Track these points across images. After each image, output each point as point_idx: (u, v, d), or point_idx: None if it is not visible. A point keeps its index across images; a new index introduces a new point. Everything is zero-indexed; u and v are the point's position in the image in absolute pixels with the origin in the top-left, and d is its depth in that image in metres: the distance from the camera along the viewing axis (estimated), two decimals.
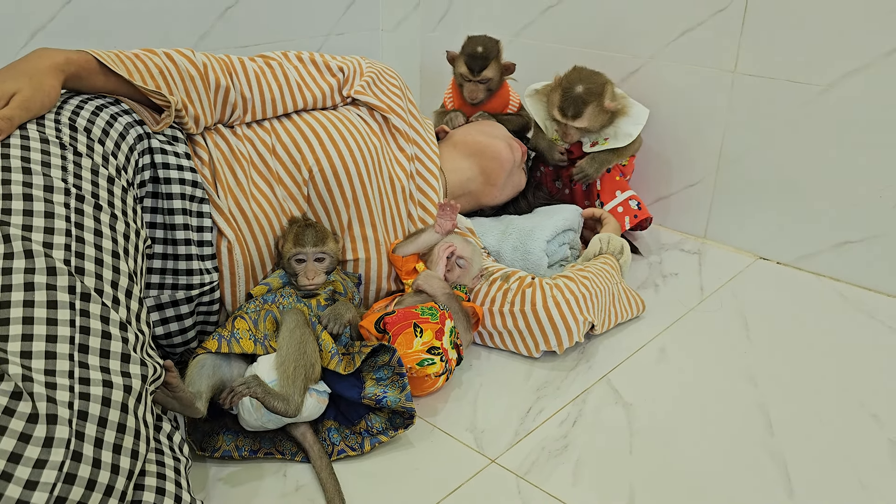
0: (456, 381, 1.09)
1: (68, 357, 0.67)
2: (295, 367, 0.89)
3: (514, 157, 1.38)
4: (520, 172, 1.43)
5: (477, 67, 1.42)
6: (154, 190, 0.94)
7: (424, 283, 1.07)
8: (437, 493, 0.88)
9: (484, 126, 1.42)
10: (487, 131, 1.40)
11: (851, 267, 1.38)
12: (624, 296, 1.23)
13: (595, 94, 1.37)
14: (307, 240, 1.03)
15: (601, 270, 1.21)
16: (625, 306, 1.23)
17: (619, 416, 1.02)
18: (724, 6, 1.40)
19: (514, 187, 1.42)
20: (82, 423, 0.65)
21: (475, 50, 1.42)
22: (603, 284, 1.18)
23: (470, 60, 1.43)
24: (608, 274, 1.22)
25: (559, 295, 1.12)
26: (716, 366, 1.14)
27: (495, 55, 1.43)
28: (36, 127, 0.83)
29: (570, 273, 1.18)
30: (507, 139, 1.39)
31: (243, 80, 1.09)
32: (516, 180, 1.42)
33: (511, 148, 1.38)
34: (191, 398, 0.83)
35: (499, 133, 1.40)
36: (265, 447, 0.93)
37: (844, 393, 1.08)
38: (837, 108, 1.32)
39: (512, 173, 1.39)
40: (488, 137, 1.38)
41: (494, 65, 1.43)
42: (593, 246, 1.30)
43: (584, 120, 1.37)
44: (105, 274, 0.76)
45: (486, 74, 1.43)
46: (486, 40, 1.44)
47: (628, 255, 1.31)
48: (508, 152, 1.37)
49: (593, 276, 1.18)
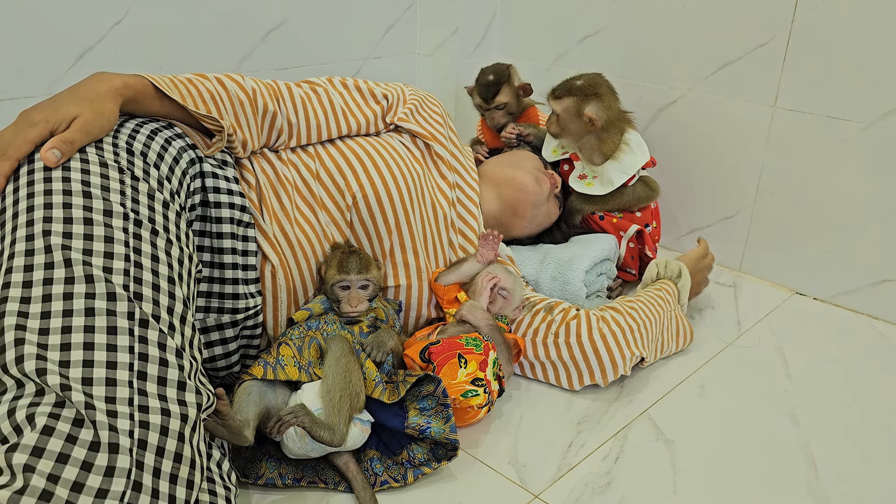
0: (496, 412, 1.08)
1: (128, 384, 0.67)
2: (341, 396, 0.89)
3: (541, 190, 1.35)
4: (550, 204, 1.39)
5: (490, 95, 1.44)
6: (203, 213, 0.95)
7: (469, 313, 1.06)
8: None
9: (515, 157, 1.41)
10: (516, 162, 1.38)
11: (891, 305, 1.37)
12: (675, 326, 1.22)
13: (583, 92, 1.32)
14: (352, 267, 1.03)
15: (653, 299, 1.20)
16: (673, 337, 1.22)
17: (661, 454, 1.01)
18: (765, 41, 1.40)
19: (545, 218, 1.40)
20: (141, 453, 0.65)
21: (486, 79, 1.44)
22: (653, 314, 1.17)
23: (482, 90, 1.44)
24: (662, 301, 1.21)
25: (605, 327, 1.11)
26: (756, 404, 1.12)
27: (506, 79, 1.44)
28: (95, 150, 0.83)
29: (618, 304, 1.17)
30: (536, 171, 1.36)
31: (290, 105, 1.09)
32: (546, 211, 1.39)
33: (537, 180, 1.35)
34: (240, 426, 0.83)
35: (528, 165, 1.38)
36: (308, 476, 0.93)
37: (887, 435, 1.06)
38: (878, 145, 1.31)
39: (539, 205, 1.36)
40: (514, 169, 1.36)
41: (507, 89, 1.44)
42: (650, 271, 1.29)
43: (560, 105, 1.33)
44: (162, 300, 0.76)
45: (499, 100, 1.44)
46: (496, 67, 1.45)
47: (686, 279, 1.29)
48: (534, 185, 1.34)
49: (642, 307, 1.17)
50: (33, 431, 0.61)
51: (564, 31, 1.70)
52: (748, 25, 1.41)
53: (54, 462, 0.61)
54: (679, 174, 1.58)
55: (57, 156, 0.78)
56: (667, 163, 1.56)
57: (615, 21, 1.61)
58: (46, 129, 0.80)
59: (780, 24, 1.37)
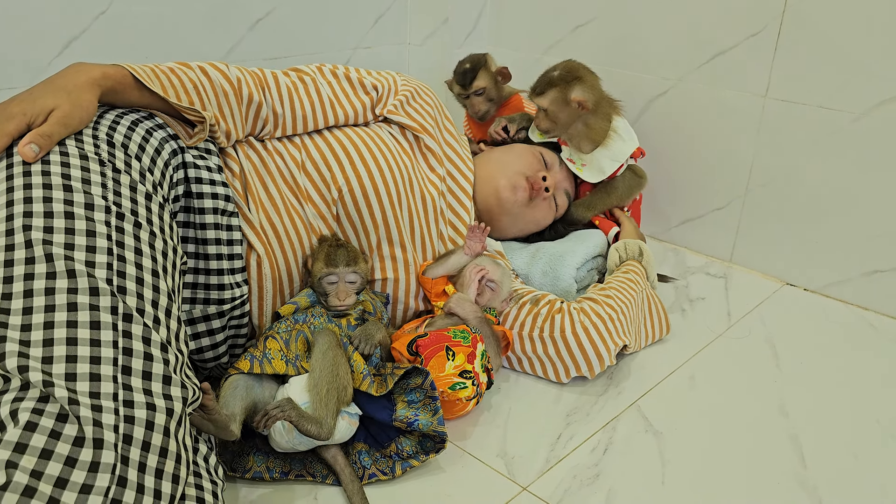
0: (485, 404, 1.08)
1: (112, 379, 0.67)
2: (328, 389, 0.88)
3: (514, 199, 1.27)
4: (535, 210, 1.32)
5: (467, 81, 1.43)
6: (187, 204, 0.94)
7: (457, 306, 1.06)
8: None
9: (508, 153, 1.34)
10: (506, 161, 1.31)
11: (881, 296, 1.37)
12: (650, 311, 1.23)
13: (564, 80, 1.29)
14: (339, 260, 1.02)
15: (624, 283, 1.20)
16: (650, 319, 1.22)
17: (650, 445, 1.01)
18: (757, 31, 1.39)
19: (529, 224, 1.34)
20: (127, 448, 0.64)
21: (462, 66, 1.44)
22: (628, 298, 1.17)
23: (459, 77, 1.44)
24: (633, 283, 1.21)
25: (586, 320, 1.10)
26: (746, 395, 1.12)
27: (483, 65, 1.43)
28: (74, 143, 0.82)
29: (594, 294, 1.17)
30: (518, 175, 1.28)
31: (275, 95, 1.08)
32: (529, 218, 1.33)
33: (514, 187, 1.27)
34: (226, 420, 0.82)
35: (516, 165, 1.30)
36: (296, 469, 0.92)
37: (876, 426, 1.06)
38: (870, 136, 1.31)
39: (513, 213, 1.30)
40: (499, 169, 1.30)
41: (484, 73, 1.43)
42: (612, 257, 1.29)
43: (545, 100, 1.30)
44: (146, 293, 0.75)
45: (477, 84, 1.43)
46: (471, 56, 1.46)
47: (649, 255, 1.29)
48: (508, 192, 1.27)
49: (616, 293, 1.16)
50: (16, 427, 0.61)
51: (555, 21, 1.69)
52: (739, 14, 1.40)
53: (38, 458, 0.60)
54: (670, 165, 1.57)
55: (35, 150, 0.77)
56: (658, 153, 1.55)
57: (606, 10, 1.60)
58: (23, 122, 0.78)
59: (772, 14, 1.36)
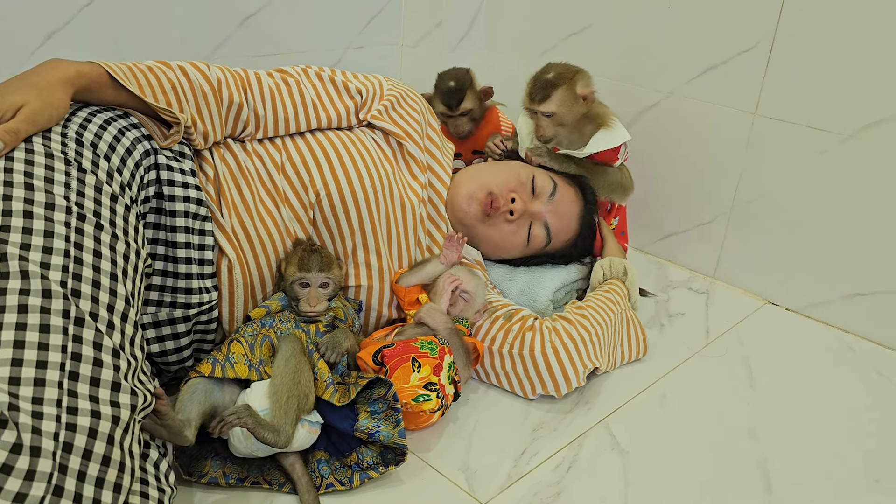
0: (452, 416, 1.07)
1: (57, 385, 0.66)
2: (288, 397, 0.88)
3: (467, 210, 1.22)
4: (496, 228, 1.24)
5: (454, 102, 1.36)
6: (158, 206, 0.93)
7: (427, 316, 1.05)
8: None
9: (492, 166, 1.31)
10: (483, 172, 1.28)
11: (862, 319, 1.36)
12: (628, 333, 1.21)
13: (565, 77, 1.26)
14: (312, 265, 1.02)
15: (603, 303, 1.19)
16: (626, 341, 1.21)
17: (614, 464, 1.00)
18: (749, 47, 1.37)
19: (489, 243, 1.26)
20: (66, 456, 0.64)
21: (447, 85, 1.36)
22: (604, 319, 1.15)
23: (445, 97, 1.37)
24: (612, 304, 1.19)
25: (557, 340, 1.09)
26: (717, 416, 1.11)
27: (469, 84, 1.38)
28: (42, 141, 0.82)
29: (569, 314, 1.15)
30: (483, 188, 1.22)
31: (258, 96, 1.07)
32: (489, 235, 1.25)
33: (469, 198, 1.22)
34: (179, 426, 0.81)
35: (488, 179, 1.24)
36: (253, 475, 0.92)
37: (846, 454, 1.05)
38: (857, 158, 1.29)
39: (468, 225, 1.24)
40: (470, 178, 1.26)
41: (471, 94, 1.38)
42: (596, 273, 1.28)
43: (553, 103, 1.25)
44: (101, 297, 0.74)
45: (465, 107, 1.37)
46: (456, 73, 1.39)
47: (633, 275, 1.28)
48: (463, 202, 1.23)
49: (593, 313, 1.15)
50: None
51: (550, 28, 1.67)
52: (732, 30, 1.39)
53: None
54: (657, 177, 1.56)
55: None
56: (646, 165, 1.54)
57: (600, 20, 1.58)
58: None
59: (764, 31, 1.35)
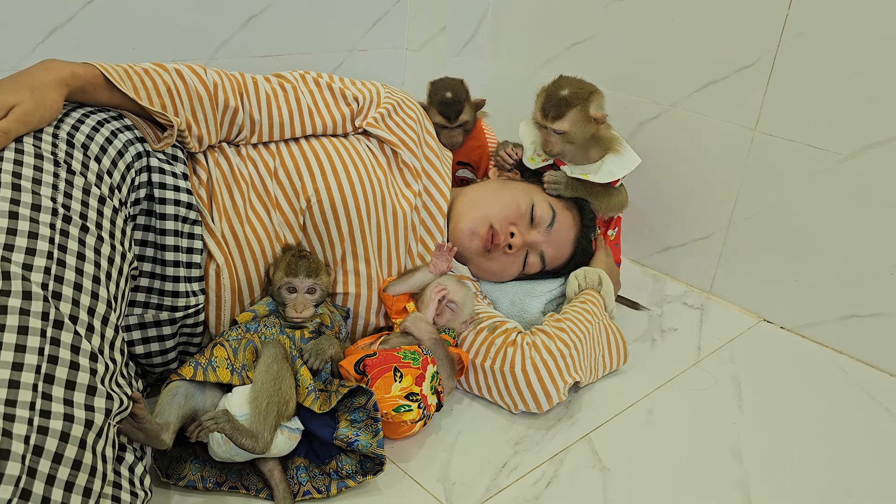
0: (434, 426, 1.07)
1: (32, 387, 0.67)
2: (268, 403, 0.88)
3: (468, 245, 1.22)
4: (495, 260, 1.25)
5: (453, 114, 1.35)
6: (148, 208, 0.94)
7: (412, 325, 1.05)
8: None
9: (494, 192, 1.28)
10: (485, 199, 1.26)
11: (856, 341, 1.35)
12: (608, 342, 1.21)
13: (580, 98, 1.24)
14: (300, 270, 1.02)
15: (581, 314, 1.18)
16: (606, 351, 1.20)
17: (595, 481, 1.00)
18: (751, 63, 1.36)
19: (486, 272, 1.27)
20: (36, 459, 0.64)
21: (445, 97, 1.35)
22: (582, 331, 1.14)
23: (444, 108, 1.35)
24: (589, 314, 1.18)
25: (537, 356, 1.08)
26: (702, 436, 1.11)
27: (465, 96, 1.37)
28: (32, 141, 0.82)
29: (547, 328, 1.14)
30: (484, 222, 1.22)
31: (254, 101, 1.07)
32: (488, 266, 1.26)
33: (471, 234, 1.22)
34: (157, 430, 0.82)
35: (490, 209, 1.24)
36: (231, 480, 0.92)
37: (831, 480, 1.04)
38: (856, 179, 1.28)
39: (467, 258, 1.25)
40: (472, 206, 1.25)
41: (468, 106, 1.37)
42: (571, 285, 1.27)
43: (566, 123, 1.23)
44: (83, 300, 0.75)
45: (462, 119, 1.36)
46: (451, 83, 1.37)
47: (608, 285, 1.27)
48: (465, 237, 1.22)
49: (571, 326, 1.14)
50: None
51: (554, 36, 1.67)
52: (735, 45, 1.38)
53: None
54: (656, 190, 1.55)
55: None
56: (644, 178, 1.53)
57: (604, 30, 1.58)
58: None
59: (767, 47, 1.34)
